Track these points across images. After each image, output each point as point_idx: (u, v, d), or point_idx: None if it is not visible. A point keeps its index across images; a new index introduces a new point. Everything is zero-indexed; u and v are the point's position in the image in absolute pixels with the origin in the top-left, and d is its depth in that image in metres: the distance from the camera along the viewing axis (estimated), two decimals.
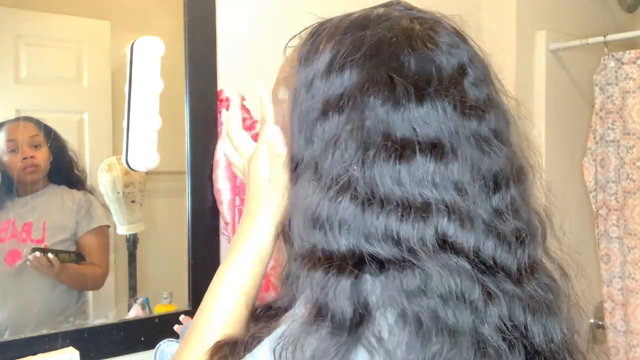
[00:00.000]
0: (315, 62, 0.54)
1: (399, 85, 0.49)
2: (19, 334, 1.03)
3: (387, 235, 0.47)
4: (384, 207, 0.47)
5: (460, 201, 0.48)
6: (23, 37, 1.08)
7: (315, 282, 0.48)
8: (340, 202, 0.48)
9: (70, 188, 1.14)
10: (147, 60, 1.08)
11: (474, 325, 0.46)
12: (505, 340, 0.47)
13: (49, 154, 1.11)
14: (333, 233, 0.48)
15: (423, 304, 0.46)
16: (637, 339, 1.81)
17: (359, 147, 0.49)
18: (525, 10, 1.87)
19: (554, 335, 0.51)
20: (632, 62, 1.79)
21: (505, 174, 0.52)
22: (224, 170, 1.23)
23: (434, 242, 0.47)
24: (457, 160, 0.49)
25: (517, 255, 0.51)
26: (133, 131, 1.07)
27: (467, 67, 0.53)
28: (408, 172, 0.48)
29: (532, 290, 0.51)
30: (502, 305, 0.48)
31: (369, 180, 0.48)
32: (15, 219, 1.07)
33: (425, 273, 0.46)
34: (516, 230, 0.52)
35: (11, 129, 1.07)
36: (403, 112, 0.49)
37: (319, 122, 0.52)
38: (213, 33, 1.26)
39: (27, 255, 1.07)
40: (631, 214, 1.81)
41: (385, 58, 0.51)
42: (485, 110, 0.52)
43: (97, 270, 1.18)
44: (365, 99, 0.49)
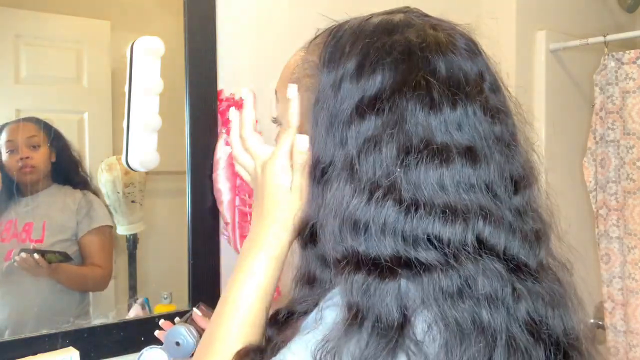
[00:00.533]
0: (341, 64, 0.54)
1: (434, 89, 0.50)
2: (19, 334, 1.03)
3: (431, 239, 0.48)
4: (428, 210, 0.48)
5: (493, 203, 0.50)
6: (23, 37, 1.08)
7: (357, 286, 0.48)
8: (384, 206, 0.48)
9: (74, 188, 1.14)
10: (147, 60, 1.08)
11: (506, 324, 0.48)
12: (533, 335, 0.49)
13: (50, 154, 1.11)
14: (377, 236, 0.49)
15: (462, 306, 0.47)
16: (637, 339, 1.81)
17: (401, 150, 0.49)
18: (525, 10, 1.87)
19: (570, 327, 0.53)
20: (632, 62, 1.79)
21: (522, 176, 0.54)
22: (224, 170, 1.23)
23: (473, 244, 0.49)
24: (489, 163, 0.51)
25: (537, 253, 0.53)
26: (133, 131, 1.07)
27: (485, 73, 0.55)
28: (450, 176, 0.49)
29: (549, 285, 0.53)
30: (527, 302, 0.50)
31: (413, 183, 0.49)
32: (17, 219, 1.07)
33: (465, 276, 0.48)
34: (534, 229, 0.54)
35: (11, 129, 1.08)
36: (440, 115, 0.50)
37: (354, 123, 0.52)
38: (213, 33, 1.26)
39: (15, 255, 1.06)
40: (631, 214, 1.81)
41: (418, 62, 0.52)
42: (505, 115, 0.54)
43: (99, 270, 1.18)
44: (404, 102, 0.50)
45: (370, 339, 0.46)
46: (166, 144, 1.13)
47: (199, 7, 1.23)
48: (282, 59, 0.67)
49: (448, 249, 0.48)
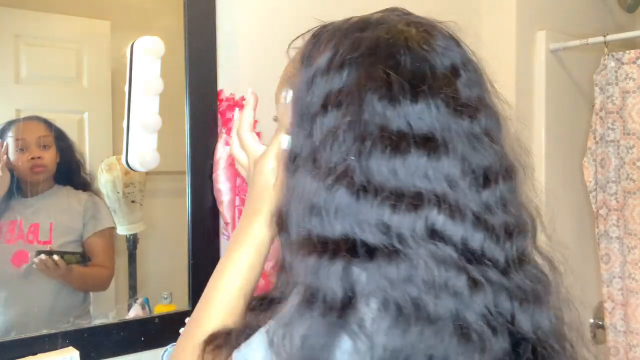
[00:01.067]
0: (316, 61, 0.57)
1: (395, 82, 0.52)
2: (19, 334, 1.03)
3: (379, 223, 0.49)
4: (378, 196, 0.50)
5: (451, 193, 0.51)
6: (23, 37, 1.08)
7: (309, 267, 0.50)
8: (337, 190, 0.51)
9: (75, 189, 1.14)
10: (147, 60, 1.08)
11: (457, 312, 0.48)
12: (490, 326, 0.49)
13: (57, 155, 1.11)
14: (329, 219, 0.51)
15: (405, 291, 0.48)
16: (637, 339, 1.81)
17: (356, 138, 0.51)
18: (525, 10, 1.87)
19: (541, 324, 0.53)
20: (632, 62, 1.79)
21: (495, 171, 0.54)
22: (224, 170, 1.23)
23: (423, 232, 0.49)
24: (448, 155, 0.51)
25: (505, 248, 0.53)
26: (133, 131, 1.07)
27: (459, 69, 0.55)
28: (402, 164, 0.50)
29: (520, 280, 0.53)
30: (487, 293, 0.50)
31: (365, 169, 0.50)
32: (22, 220, 1.07)
33: (411, 261, 0.48)
34: (505, 224, 0.54)
35: (21, 127, 1.08)
36: (398, 107, 0.51)
37: (319, 116, 0.54)
38: (213, 33, 1.26)
39: (33, 258, 1.07)
40: (631, 214, 1.81)
41: (382, 57, 0.54)
42: (477, 110, 0.54)
43: (104, 271, 1.18)
44: (363, 94, 0.52)
45: (317, 319, 0.48)
46: (166, 144, 1.13)
47: (199, 7, 1.23)
48: (282, 59, 0.68)
49: (395, 233, 0.49)
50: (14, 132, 1.06)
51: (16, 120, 1.07)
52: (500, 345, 0.49)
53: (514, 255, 0.54)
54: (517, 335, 0.52)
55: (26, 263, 1.07)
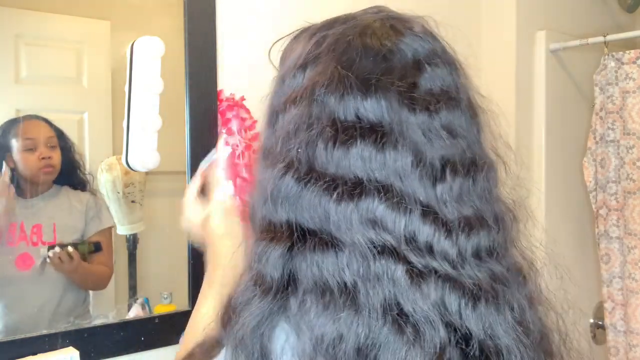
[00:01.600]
0: (287, 61, 0.60)
1: (345, 77, 0.53)
2: (19, 334, 1.03)
3: (319, 210, 0.51)
4: (319, 184, 0.51)
5: (398, 185, 0.51)
6: (23, 37, 1.08)
7: (257, 253, 0.53)
8: (284, 178, 0.53)
9: (74, 189, 1.14)
10: (147, 60, 1.08)
11: (393, 301, 0.48)
12: (428, 319, 0.49)
13: (61, 156, 1.11)
14: (276, 207, 0.53)
15: (338, 278, 0.49)
16: (637, 339, 1.81)
17: (305, 130, 0.53)
18: (525, 10, 1.87)
19: (494, 324, 0.52)
20: (632, 62, 1.79)
21: (454, 164, 0.54)
22: (224, 170, 1.22)
23: (362, 220, 0.50)
24: (396, 147, 0.52)
25: (459, 242, 0.52)
26: (133, 131, 1.07)
27: (424, 63, 0.55)
28: (345, 154, 0.51)
29: (474, 277, 0.52)
30: (430, 286, 0.50)
31: (310, 159, 0.52)
32: (23, 221, 1.07)
33: (348, 249, 0.49)
34: (461, 218, 0.53)
35: (27, 127, 1.07)
36: (348, 101, 0.52)
37: (280, 115, 0.57)
38: (213, 33, 1.26)
39: (46, 254, 1.08)
40: (631, 214, 1.81)
41: (338, 53, 0.55)
42: (438, 104, 0.54)
43: (105, 270, 1.19)
44: (316, 90, 0.54)
45: (257, 302, 0.50)
46: (166, 144, 1.13)
47: (199, 7, 1.23)
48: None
49: (335, 222, 0.50)
50: (20, 132, 1.06)
51: (17, 120, 1.07)
52: (439, 340, 0.48)
53: (470, 251, 0.53)
54: (463, 332, 0.50)
55: (33, 264, 1.07)
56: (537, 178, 1.90)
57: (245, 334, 0.49)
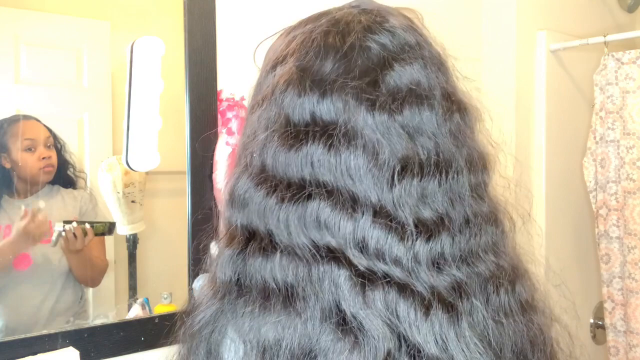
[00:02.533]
0: (265, 63, 0.60)
1: (302, 80, 0.52)
2: (19, 334, 1.03)
3: (267, 213, 0.50)
4: (268, 186, 0.51)
5: (349, 186, 0.49)
6: (23, 37, 1.08)
7: (215, 253, 0.54)
8: (239, 179, 0.53)
9: (65, 188, 1.14)
10: (147, 60, 1.08)
11: (334, 307, 0.46)
12: (372, 327, 0.46)
13: None
14: (233, 206, 0.54)
15: (277, 279, 0.48)
16: (637, 339, 1.81)
17: (262, 130, 0.53)
18: (525, 10, 1.87)
19: (446, 336, 0.47)
20: (632, 62, 1.79)
21: (413, 165, 0.50)
22: (224, 170, 1.23)
23: (307, 222, 0.49)
24: (349, 148, 0.50)
25: (416, 247, 0.49)
26: (133, 131, 1.07)
27: (390, 60, 0.53)
28: (294, 155, 0.50)
29: (432, 283, 0.48)
30: (376, 292, 0.47)
31: (264, 159, 0.52)
32: None
33: (289, 251, 0.49)
34: (421, 221, 0.50)
35: (25, 127, 1.07)
36: (303, 103, 0.52)
37: (248, 117, 0.58)
38: (213, 33, 1.26)
39: (62, 228, 1.10)
40: (631, 214, 1.81)
41: (301, 54, 0.54)
42: (401, 104, 0.52)
43: (101, 264, 1.19)
44: (276, 92, 0.54)
45: (206, 303, 0.51)
46: (166, 144, 1.13)
47: (199, 7, 1.23)
48: None
49: (282, 224, 0.50)
50: (18, 132, 1.06)
51: (15, 119, 1.07)
52: (384, 348, 0.45)
53: (428, 256, 0.49)
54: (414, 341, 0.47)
55: (30, 264, 1.07)
56: (537, 178, 1.90)
57: (193, 333, 0.50)
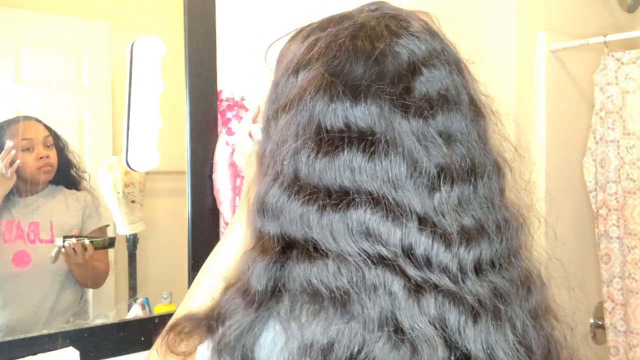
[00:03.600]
0: (281, 64, 0.58)
1: (334, 86, 0.51)
2: (19, 334, 1.03)
3: (307, 221, 0.49)
4: (305, 194, 0.50)
5: (392, 194, 0.49)
6: (23, 37, 1.08)
7: (246, 261, 0.52)
8: (271, 187, 0.52)
9: (69, 189, 1.14)
10: (147, 60, 1.08)
11: (389, 315, 0.46)
12: (426, 337, 0.46)
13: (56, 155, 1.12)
14: (265, 214, 0.52)
15: (327, 286, 0.47)
16: (637, 339, 1.81)
17: (293, 139, 0.52)
18: (525, 10, 1.87)
19: (493, 343, 0.49)
20: (632, 62, 1.79)
21: (452, 171, 0.51)
22: (224, 170, 1.23)
23: (352, 231, 0.48)
24: (389, 155, 0.49)
25: (460, 255, 0.49)
26: (133, 131, 1.07)
27: (420, 65, 0.53)
28: (331, 163, 0.49)
29: (476, 291, 0.49)
30: (428, 301, 0.47)
31: (295, 169, 0.51)
32: (20, 219, 1.07)
33: (334, 259, 0.48)
34: (461, 228, 0.50)
35: (24, 127, 1.07)
36: (336, 108, 0.51)
37: (272, 122, 0.56)
38: (213, 33, 1.26)
39: (62, 244, 1.09)
40: (631, 214, 1.81)
41: (328, 59, 0.53)
42: (434, 109, 0.52)
43: (103, 267, 1.19)
44: (305, 97, 0.52)
45: (241, 312, 0.49)
46: (166, 144, 1.13)
47: (199, 7, 1.23)
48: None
49: (327, 233, 0.48)
50: (16, 132, 1.06)
51: (15, 120, 1.07)
52: (438, 358, 0.46)
53: (471, 263, 0.50)
54: (462, 351, 0.48)
55: (30, 262, 1.07)
56: (537, 178, 1.90)
57: (229, 343, 0.49)
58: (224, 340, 0.49)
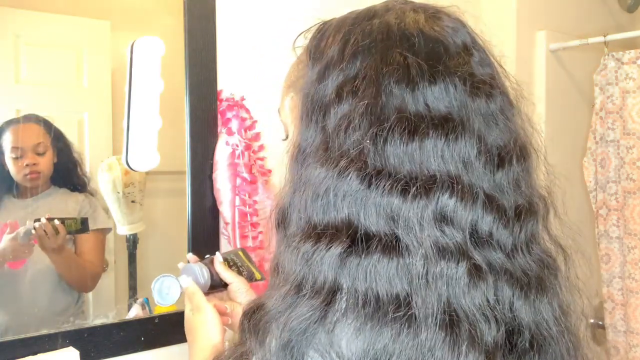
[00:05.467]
0: (325, 54, 0.56)
1: (412, 64, 0.51)
2: (19, 334, 1.03)
3: (386, 210, 0.47)
4: (391, 181, 0.48)
5: (465, 174, 0.49)
6: (23, 37, 1.08)
7: (302, 254, 0.49)
8: (348, 175, 0.48)
9: (72, 191, 1.14)
10: (147, 60, 1.08)
11: (448, 301, 0.46)
12: (484, 315, 0.47)
13: (54, 157, 1.11)
14: (335, 204, 0.49)
15: (390, 286, 0.46)
16: (637, 339, 1.81)
17: (373, 123, 0.49)
18: (525, 10, 1.87)
19: (542, 312, 0.51)
20: (632, 62, 1.79)
21: (509, 151, 0.53)
22: (224, 170, 1.23)
23: (432, 217, 0.48)
24: (465, 135, 0.50)
25: (514, 231, 0.52)
26: (133, 131, 1.07)
27: (471, 48, 0.55)
28: (419, 147, 0.49)
29: (525, 265, 0.52)
30: (488, 280, 0.48)
31: (381, 154, 0.49)
32: (17, 220, 1.07)
33: (409, 252, 0.46)
34: (516, 205, 0.52)
35: (19, 133, 1.07)
36: (417, 89, 0.50)
37: (332, 105, 0.52)
38: (213, 33, 1.26)
39: (32, 225, 1.07)
40: (631, 214, 1.81)
41: (396, 40, 0.52)
42: (492, 88, 0.54)
43: (93, 268, 1.18)
44: (380, 79, 0.51)
45: (302, 307, 0.46)
46: (166, 144, 1.13)
47: (199, 7, 1.23)
48: (282, 59, 0.68)
49: (402, 223, 0.47)
50: (9, 139, 1.06)
51: (15, 121, 1.07)
52: (493, 336, 0.47)
53: (522, 239, 0.52)
54: (514, 324, 0.50)
55: (24, 262, 1.07)
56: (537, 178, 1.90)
57: (291, 337, 0.46)
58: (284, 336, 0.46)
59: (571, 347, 0.53)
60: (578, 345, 0.55)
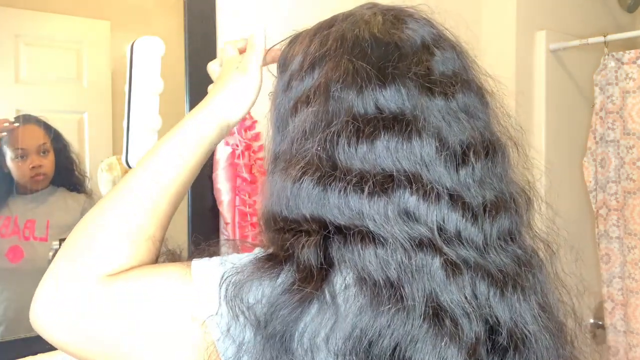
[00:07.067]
0: (290, 65, 0.58)
1: (360, 69, 0.52)
2: (19, 334, 1.03)
3: (349, 209, 0.49)
4: (346, 181, 0.49)
5: (425, 173, 0.50)
6: (23, 37, 1.08)
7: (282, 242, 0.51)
8: (302, 182, 0.51)
9: (70, 191, 1.15)
10: (147, 60, 1.08)
11: (431, 295, 0.47)
12: (464, 311, 0.48)
13: (54, 157, 1.12)
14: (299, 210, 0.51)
15: (382, 271, 0.47)
16: (637, 339, 1.81)
17: (323, 129, 0.51)
18: (525, 10, 1.87)
19: (521, 310, 0.51)
20: (632, 62, 1.79)
21: (474, 147, 0.53)
22: (224, 170, 1.23)
23: (396, 214, 0.48)
24: (420, 135, 0.51)
25: (485, 228, 0.52)
26: (133, 131, 1.07)
27: (433, 47, 0.55)
28: (370, 148, 0.50)
29: (500, 263, 0.52)
30: (463, 276, 0.49)
31: (331, 157, 0.50)
32: (17, 215, 1.07)
33: (386, 243, 0.48)
34: (484, 202, 0.52)
35: (20, 134, 1.08)
36: (366, 93, 0.51)
37: (291, 117, 0.55)
38: (213, 33, 1.26)
39: (58, 246, 1.07)
40: (631, 214, 1.81)
41: (348, 48, 0.54)
42: (453, 87, 0.54)
43: None
44: (330, 86, 0.52)
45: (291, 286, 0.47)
46: None
47: (199, 7, 1.23)
48: None
49: (369, 219, 0.48)
50: (12, 140, 1.06)
51: (15, 123, 1.07)
52: (474, 332, 0.48)
53: (494, 236, 0.52)
54: (493, 321, 0.50)
55: (22, 257, 1.07)
56: (537, 178, 1.90)
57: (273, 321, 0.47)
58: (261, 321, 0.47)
59: (551, 345, 0.52)
60: (562, 344, 0.55)
